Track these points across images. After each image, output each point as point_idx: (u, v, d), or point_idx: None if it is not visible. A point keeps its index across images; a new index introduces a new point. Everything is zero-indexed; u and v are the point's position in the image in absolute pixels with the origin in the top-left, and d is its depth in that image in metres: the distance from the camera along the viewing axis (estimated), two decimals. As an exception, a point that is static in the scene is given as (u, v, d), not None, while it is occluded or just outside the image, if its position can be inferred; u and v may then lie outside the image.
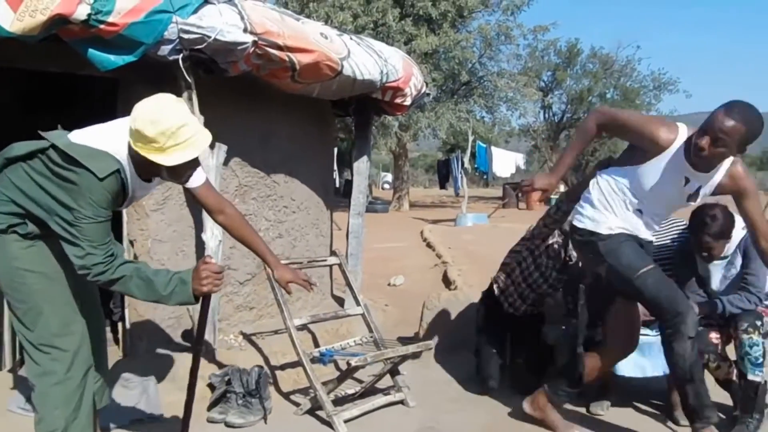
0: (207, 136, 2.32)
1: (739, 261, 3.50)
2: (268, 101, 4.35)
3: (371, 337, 3.83)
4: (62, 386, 2.36)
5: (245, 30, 3.34)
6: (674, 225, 3.83)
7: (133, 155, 2.27)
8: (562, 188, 26.94)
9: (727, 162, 2.94)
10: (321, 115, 5.09)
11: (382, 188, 34.97)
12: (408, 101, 4.74)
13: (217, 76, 3.61)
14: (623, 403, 3.71)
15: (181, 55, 3.22)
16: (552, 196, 23.66)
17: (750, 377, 3.31)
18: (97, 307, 2.60)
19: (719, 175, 2.96)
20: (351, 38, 4.38)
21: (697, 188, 2.99)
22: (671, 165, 2.93)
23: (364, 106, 4.90)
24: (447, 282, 7.42)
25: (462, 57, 18.76)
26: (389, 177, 23.11)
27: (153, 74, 3.41)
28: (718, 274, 3.59)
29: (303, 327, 4.18)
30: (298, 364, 3.57)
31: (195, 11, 3.17)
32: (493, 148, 18.26)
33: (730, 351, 3.53)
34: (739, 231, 3.47)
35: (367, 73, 4.20)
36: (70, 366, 2.37)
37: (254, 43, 3.39)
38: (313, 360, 3.53)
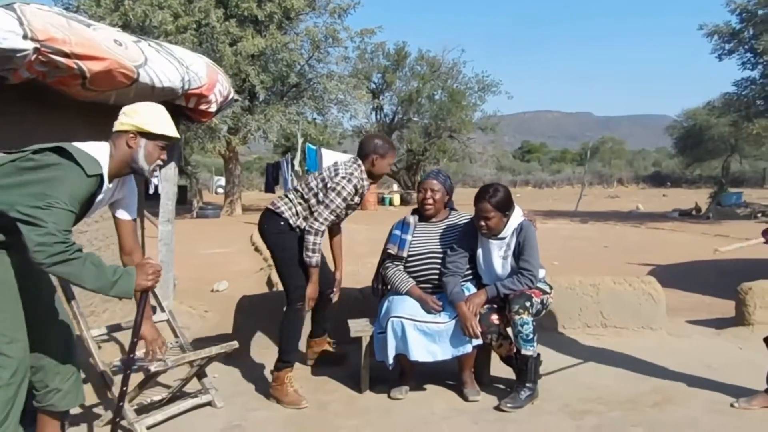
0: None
1: (514, 243, 3.90)
2: (64, 108, 4.20)
3: (177, 342, 3.85)
4: (3, 391, 2.48)
5: (25, 36, 3.22)
6: (463, 216, 4.23)
7: (116, 150, 2.71)
8: (395, 187, 27.68)
9: None
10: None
11: (216, 193, 34.17)
12: (213, 108, 4.78)
13: (-1, 83, 3.46)
14: (420, 387, 4.03)
15: (-50, 61, 3.07)
16: (386, 195, 24.28)
17: (523, 352, 3.75)
18: (58, 311, 2.80)
19: None
20: (150, 45, 4.34)
21: None
22: None
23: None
24: (271, 285, 7.54)
25: (290, 59, 18.92)
26: (223, 181, 22.67)
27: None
28: (496, 253, 3.95)
29: (109, 337, 4.11)
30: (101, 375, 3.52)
31: (-36, 16, 3.03)
32: (323, 149, 18.51)
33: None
34: (517, 217, 3.92)
35: (166, 80, 4.20)
36: (14, 372, 2.51)
37: (36, 50, 3.28)
38: (116, 370, 3.48)
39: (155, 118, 2.80)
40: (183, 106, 4.67)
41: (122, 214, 3.05)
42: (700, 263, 9.77)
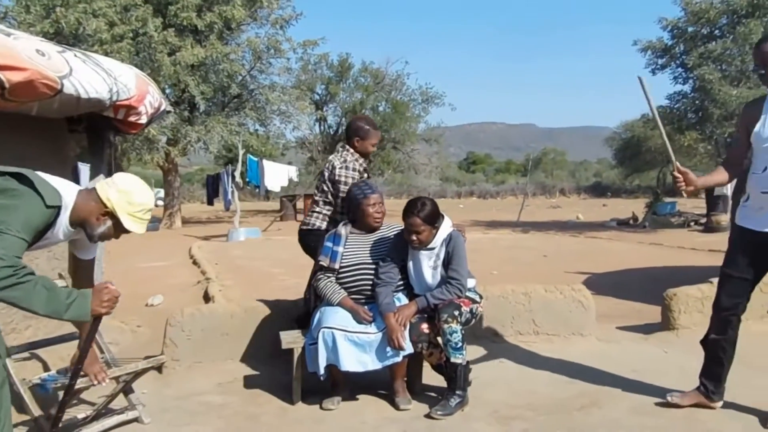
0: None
1: (443, 253, 3.99)
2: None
3: (102, 358, 3.76)
4: None
5: (-62, 46, 3.13)
6: (393, 227, 4.28)
7: (83, 207, 2.66)
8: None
9: None
10: (54, 133, 4.86)
11: (156, 205, 33.48)
12: (143, 119, 4.70)
13: None
14: (352, 397, 4.04)
15: None
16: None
17: (452, 360, 3.82)
18: None
19: None
20: (75, 55, 4.25)
21: None
22: None
23: (96, 124, 4.77)
24: (208, 299, 7.44)
25: (231, 70, 18.70)
26: (162, 193, 22.26)
27: None
28: (426, 264, 4.02)
29: (31, 355, 3.99)
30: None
31: None
32: (264, 161, 18.35)
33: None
34: (447, 227, 3.99)
35: (93, 91, 4.11)
36: None
37: (-50, 60, 3.19)
38: (35, 388, 3.38)
39: (136, 214, 2.77)
40: (112, 117, 4.59)
41: (82, 254, 3.06)
42: (634, 271, 10.04)
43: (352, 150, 4.50)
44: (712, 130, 19.49)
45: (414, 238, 3.90)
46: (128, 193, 2.73)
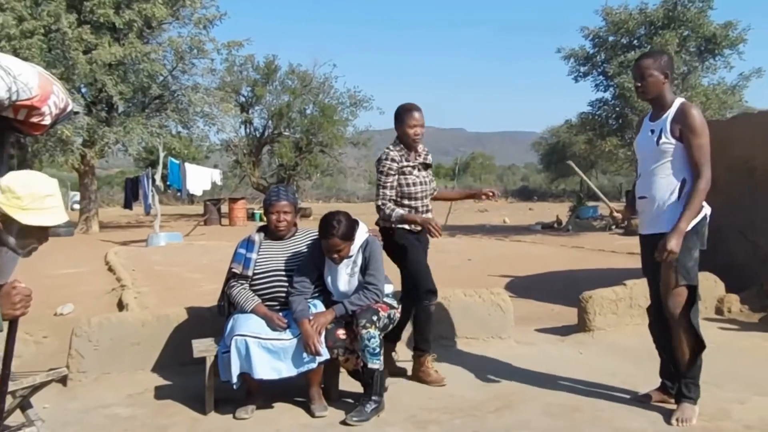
0: (64, 215, 2.57)
1: (360, 260, 3.97)
2: None
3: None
4: None
5: None
6: (309, 233, 4.23)
7: None
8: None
9: None
10: (-53, 133, 4.58)
11: (72, 209, 32.15)
12: (47, 120, 4.44)
13: None
14: (268, 405, 3.96)
15: None
16: (256, 211, 23.52)
17: (369, 365, 3.79)
18: None
19: None
20: (-30, 52, 4.01)
21: None
22: None
23: (-7, 124, 4.51)
24: (122, 307, 7.17)
25: (152, 70, 18.15)
26: (78, 197, 21.36)
27: None
28: (343, 271, 4.00)
29: None
30: None
31: None
32: (187, 164, 17.88)
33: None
34: (362, 234, 3.97)
35: (-12, 90, 3.89)
36: None
37: None
38: None
39: (29, 206, 2.46)
40: (11, 118, 4.35)
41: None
42: (555, 274, 10.25)
43: (396, 141, 4.44)
44: (632, 136, 20.28)
45: (335, 256, 3.89)
46: (11, 188, 2.49)
